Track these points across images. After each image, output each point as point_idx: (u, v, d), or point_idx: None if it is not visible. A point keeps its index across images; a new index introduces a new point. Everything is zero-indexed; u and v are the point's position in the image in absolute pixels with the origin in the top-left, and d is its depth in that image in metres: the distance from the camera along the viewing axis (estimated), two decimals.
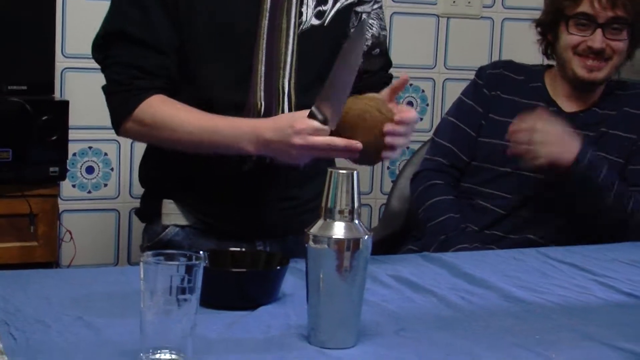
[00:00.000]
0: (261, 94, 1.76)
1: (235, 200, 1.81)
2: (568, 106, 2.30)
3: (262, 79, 1.76)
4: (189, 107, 1.72)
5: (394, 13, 2.76)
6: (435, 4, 2.84)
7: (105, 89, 1.78)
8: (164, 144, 1.76)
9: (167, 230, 1.86)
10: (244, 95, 1.76)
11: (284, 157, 1.64)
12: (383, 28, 1.95)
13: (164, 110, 1.72)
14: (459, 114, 2.36)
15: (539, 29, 2.36)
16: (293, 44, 1.78)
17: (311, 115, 1.60)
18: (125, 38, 1.72)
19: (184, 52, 1.77)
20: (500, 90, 2.33)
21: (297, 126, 1.59)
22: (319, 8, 1.81)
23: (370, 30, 1.90)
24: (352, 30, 1.86)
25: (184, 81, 1.79)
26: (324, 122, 1.60)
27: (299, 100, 1.78)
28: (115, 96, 1.75)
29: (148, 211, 1.91)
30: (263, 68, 1.76)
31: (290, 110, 1.77)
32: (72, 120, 2.39)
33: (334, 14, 1.83)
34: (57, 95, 2.49)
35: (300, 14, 1.78)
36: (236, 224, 1.83)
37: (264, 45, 1.75)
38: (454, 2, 2.85)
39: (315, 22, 1.81)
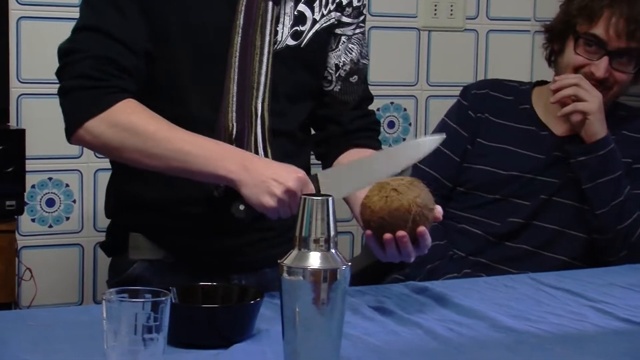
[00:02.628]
0: (233, 115, 1.76)
1: (207, 231, 1.81)
2: (560, 129, 2.31)
3: (234, 99, 1.76)
4: (162, 118, 1.70)
5: (372, 27, 2.78)
6: (416, 17, 2.86)
7: (66, 85, 1.71)
8: (129, 154, 1.70)
9: (134, 265, 1.85)
10: (217, 115, 1.76)
11: (259, 195, 1.62)
12: (364, 56, 1.95)
13: (142, 115, 1.69)
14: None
15: (546, 34, 2.35)
16: (267, 63, 1.78)
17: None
18: (101, 32, 1.70)
19: (158, 62, 1.77)
20: (488, 112, 2.35)
21: (300, 174, 1.62)
22: (296, 28, 1.82)
23: (349, 55, 1.91)
24: (331, 54, 1.88)
25: (157, 96, 1.79)
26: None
27: (273, 124, 1.78)
28: (82, 92, 1.69)
29: (114, 244, 1.91)
30: (235, 88, 1.76)
31: (263, 134, 1.78)
32: (30, 150, 2.39)
33: (312, 35, 1.84)
34: (12, 124, 2.49)
35: (276, 32, 1.79)
36: (209, 257, 1.83)
37: (236, 64, 1.76)
38: (435, 14, 2.87)
39: (291, 42, 1.82)
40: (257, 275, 1.86)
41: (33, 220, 2.60)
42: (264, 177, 1.63)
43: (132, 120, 1.68)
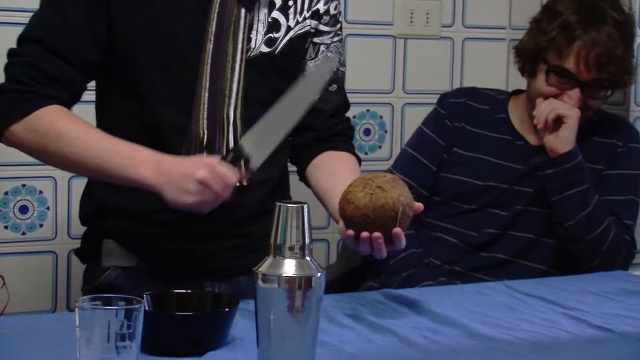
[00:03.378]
0: (204, 122, 1.76)
1: (180, 238, 1.80)
2: (536, 139, 2.32)
3: (206, 106, 1.76)
4: (89, 124, 1.74)
5: (348, 35, 2.79)
6: (392, 25, 2.87)
7: (1, 87, 1.75)
8: (52, 158, 1.75)
9: (108, 272, 1.85)
10: (188, 121, 1.77)
11: (176, 195, 1.64)
12: (342, 64, 1.96)
13: (63, 121, 1.71)
14: (420, 146, 2.38)
15: (517, 56, 2.34)
16: (240, 71, 1.78)
17: (235, 151, 1.65)
18: (38, 41, 1.73)
19: (124, 73, 1.78)
20: (464, 121, 2.35)
21: (207, 160, 1.63)
22: (270, 35, 1.82)
23: (329, 64, 1.91)
24: (310, 64, 1.88)
25: (128, 106, 1.80)
26: (247, 159, 1.64)
27: (245, 132, 1.78)
28: (8, 95, 1.73)
29: (88, 251, 1.91)
30: (206, 95, 1.76)
31: (235, 142, 1.78)
32: (3, 157, 2.37)
33: (286, 42, 1.84)
34: None
35: (249, 39, 1.79)
36: (182, 264, 1.83)
37: (208, 71, 1.76)
38: (411, 22, 2.88)
39: (265, 49, 1.81)
40: (231, 283, 1.85)
41: (6, 227, 2.57)
42: (175, 176, 1.64)
43: (53, 126, 1.71)
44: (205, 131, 1.76)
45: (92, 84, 1.85)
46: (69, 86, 1.75)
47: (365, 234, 1.60)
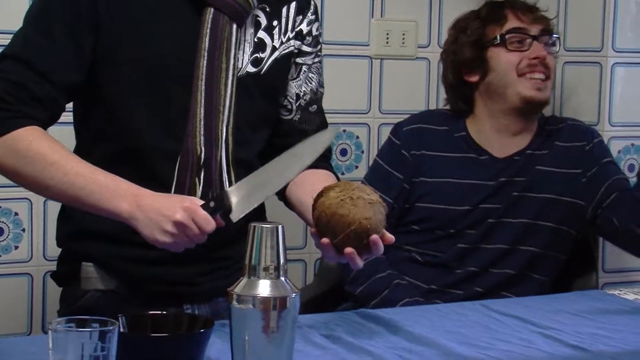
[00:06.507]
0: (200, 139, 1.76)
1: (160, 261, 1.79)
2: (500, 151, 2.35)
3: (202, 122, 1.76)
4: (67, 149, 1.72)
5: (325, 55, 2.78)
6: (368, 45, 2.88)
7: None
8: (27, 181, 1.71)
9: (87, 295, 1.84)
10: (178, 143, 1.76)
11: (152, 232, 1.62)
12: (321, 85, 1.97)
13: (43, 144, 1.69)
14: (375, 178, 2.36)
15: (454, 75, 2.40)
16: (232, 87, 1.78)
17: (217, 200, 1.64)
18: (21, 60, 1.72)
19: (107, 96, 1.78)
20: (424, 148, 2.36)
21: (187, 203, 1.61)
22: (256, 55, 1.83)
23: (309, 85, 1.92)
24: (292, 84, 1.89)
25: (105, 128, 1.79)
26: (228, 211, 1.63)
27: (236, 152, 1.79)
28: None
29: (66, 274, 1.89)
30: (202, 111, 1.76)
31: (227, 159, 1.77)
32: None
33: (271, 62, 1.85)
34: None
35: (237, 58, 1.80)
36: (162, 287, 1.82)
37: (203, 87, 1.76)
38: (387, 42, 2.89)
39: (251, 69, 1.82)
40: (211, 305, 1.85)
41: None
42: (153, 214, 1.62)
43: (32, 148, 1.68)
44: (203, 148, 1.75)
45: (69, 105, 1.85)
46: (50, 107, 1.74)
47: (324, 240, 1.58)
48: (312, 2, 1.95)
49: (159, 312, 1.57)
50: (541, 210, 2.31)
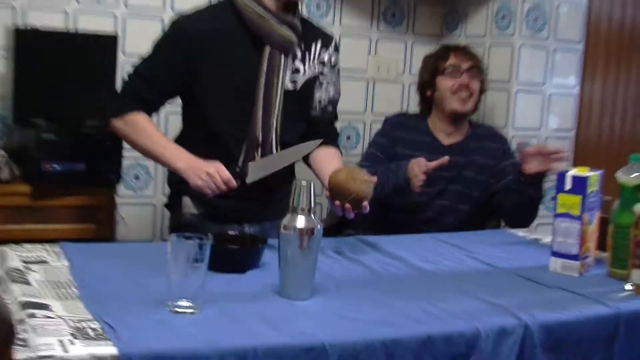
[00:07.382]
0: (260, 128, 1.74)
1: (231, 196, 1.74)
2: (446, 140, 2.32)
3: (261, 119, 1.74)
4: (158, 129, 1.75)
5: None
6: (366, 72, 2.86)
7: (123, 90, 1.76)
8: (133, 144, 1.75)
9: (185, 216, 1.82)
10: (243, 132, 1.74)
11: (193, 179, 1.65)
12: (338, 92, 1.91)
13: (148, 124, 1.73)
14: (375, 146, 2.33)
15: (421, 90, 2.36)
16: (280, 97, 1.75)
17: (239, 169, 1.67)
18: (141, 75, 1.74)
19: (199, 102, 1.75)
20: (404, 132, 2.33)
21: (217, 165, 1.64)
22: (295, 78, 1.79)
23: (327, 93, 1.87)
24: (316, 96, 1.85)
25: (198, 120, 1.77)
26: (243, 178, 1.66)
27: (282, 137, 1.77)
28: (124, 99, 1.74)
29: (173, 204, 1.88)
30: (261, 112, 1.74)
31: (276, 141, 1.75)
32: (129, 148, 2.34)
33: (304, 82, 1.81)
34: None
35: (283, 79, 1.76)
36: (231, 212, 1.79)
37: (262, 96, 1.73)
38: (378, 71, 2.87)
39: (290, 87, 1.78)
40: (260, 225, 1.83)
41: (126, 187, 2.56)
42: (195, 168, 1.65)
43: (138, 124, 1.72)
44: (260, 134, 1.74)
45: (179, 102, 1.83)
46: (152, 104, 1.76)
47: (337, 202, 1.60)
48: (334, 39, 1.90)
49: (233, 232, 1.58)
50: (470, 181, 2.28)
